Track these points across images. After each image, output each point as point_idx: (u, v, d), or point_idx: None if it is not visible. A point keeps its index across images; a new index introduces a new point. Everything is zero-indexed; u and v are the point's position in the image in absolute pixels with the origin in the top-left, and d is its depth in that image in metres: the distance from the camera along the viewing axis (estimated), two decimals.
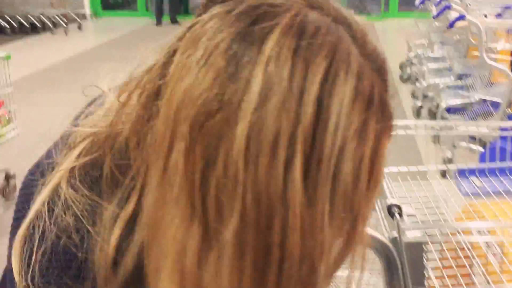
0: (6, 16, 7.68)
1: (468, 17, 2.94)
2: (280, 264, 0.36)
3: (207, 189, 0.35)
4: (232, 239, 0.35)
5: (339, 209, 0.36)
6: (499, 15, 3.23)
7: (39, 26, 7.54)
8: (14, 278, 0.44)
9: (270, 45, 0.35)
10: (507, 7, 3.28)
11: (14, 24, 7.61)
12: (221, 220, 0.35)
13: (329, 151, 0.34)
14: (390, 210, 0.72)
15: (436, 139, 3.33)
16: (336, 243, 0.39)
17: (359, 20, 0.41)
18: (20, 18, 7.63)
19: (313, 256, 0.36)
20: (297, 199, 0.34)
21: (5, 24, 7.59)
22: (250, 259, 0.36)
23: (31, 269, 0.43)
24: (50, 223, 0.43)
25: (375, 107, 0.38)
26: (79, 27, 7.77)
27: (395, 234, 0.73)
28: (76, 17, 7.82)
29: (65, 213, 0.43)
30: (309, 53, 0.35)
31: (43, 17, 7.55)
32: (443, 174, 1.41)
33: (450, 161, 2.98)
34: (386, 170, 1.22)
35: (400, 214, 0.72)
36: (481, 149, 2.77)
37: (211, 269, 0.37)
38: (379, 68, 0.41)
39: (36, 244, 0.43)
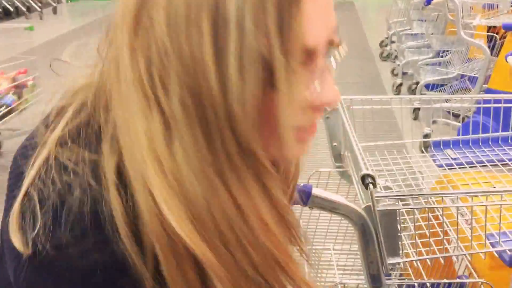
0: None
1: None
2: (216, 122, 0.41)
3: (152, 77, 0.41)
4: (179, 109, 0.41)
5: (250, 61, 0.40)
6: None
7: (13, 10, 7.36)
8: (14, 248, 0.43)
9: None
10: None
11: (11, 9, 7.40)
12: (168, 96, 0.41)
13: (232, 5, 0.39)
14: (364, 180, 0.74)
15: (416, 115, 3.38)
16: (259, 99, 0.42)
17: None
18: (16, 2, 7.42)
19: (237, 109, 0.41)
20: (209, 58, 0.40)
21: None
22: (196, 121, 0.41)
23: (36, 232, 0.42)
24: (49, 185, 0.44)
25: None
26: (54, 11, 7.61)
27: (369, 203, 0.76)
28: (51, 1, 7.65)
29: (62, 173, 0.44)
30: None
31: (16, 2, 7.36)
32: (423, 149, 1.44)
33: (428, 136, 3.04)
34: (364, 144, 1.25)
35: (374, 184, 0.74)
36: (458, 123, 2.82)
37: (177, 145, 0.42)
38: None
39: (37, 206, 0.43)
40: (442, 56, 3.62)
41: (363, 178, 0.75)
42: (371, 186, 0.74)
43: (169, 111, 0.41)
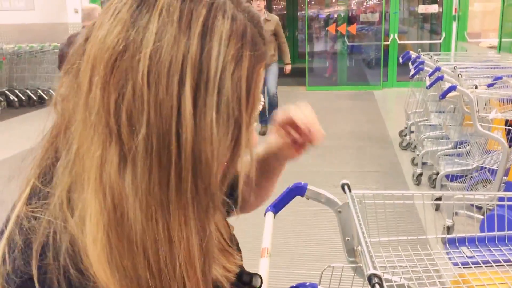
0: (15, 90, 7.97)
1: (459, 87, 3.04)
2: (179, 164, 0.45)
3: (120, 112, 0.45)
4: (141, 147, 0.45)
5: (224, 118, 0.47)
6: (490, 85, 3.33)
7: (47, 99, 7.79)
8: None
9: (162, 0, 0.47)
10: (497, 78, 3.39)
11: (23, 98, 7.88)
12: (132, 133, 0.45)
13: (213, 72, 0.46)
14: (371, 280, 0.73)
15: (437, 206, 3.33)
16: (226, 149, 0.48)
17: None
18: (29, 92, 7.92)
19: (206, 156, 0.46)
20: (187, 109, 0.45)
21: (14, 97, 7.86)
22: (156, 161, 0.45)
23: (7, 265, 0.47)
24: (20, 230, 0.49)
25: (248, 41, 0.49)
26: None
27: None
28: None
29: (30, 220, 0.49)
30: (192, 4, 0.47)
31: (51, 91, 7.82)
32: (446, 243, 1.41)
33: (450, 228, 2.97)
34: (385, 238, 1.23)
35: (381, 285, 0.73)
36: (480, 216, 2.76)
37: (129, 176, 0.45)
38: (251, 18, 0.51)
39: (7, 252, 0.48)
40: (461, 147, 3.63)
41: (370, 278, 0.74)
42: (377, 286, 0.73)
43: (129, 146, 0.45)
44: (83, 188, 0.47)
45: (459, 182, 3.44)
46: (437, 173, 3.66)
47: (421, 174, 4.01)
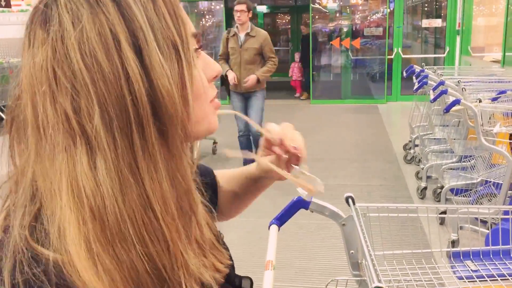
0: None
1: (463, 101, 3.05)
2: (139, 116, 0.47)
3: (79, 109, 0.47)
4: (100, 126, 0.46)
5: (165, 49, 0.49)
6: (494, 99, 3.34)
7: None
8: None
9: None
10: (501, 92, 3.40)
11: None
12: (91, 120, 0.47)
13: (139, 18, 0.49)
14: None
15: (442, 220, 3.32)
16: (177, 75, 0.50)
17: None
18: None
19: (165, 88, 0.48)
20: (132, 62, 0.47)
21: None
22: (118, 131, 0.47)
23: None
24: None
25: None
26: None
27: None
28: None
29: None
30: None
31: None
32: (451, 257, 1.40)
33: (456, 242, 2.95)
34: (386, 252, 1.23)
35: None
36: (485, 230, 2.75)
37: (101, 164, 0.47)
38: None
39: None
40: (465, 161, 3.62)
41: None
42: None
43: (91, 133, 0.47)
44: (56, 202, 0.48)
45: (464, 196, 3.43)
46: (442, 187, 3.65)
47: (425, 188, 4.00)
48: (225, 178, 0.89)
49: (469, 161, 3.51)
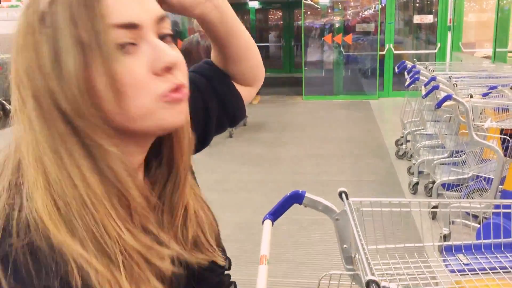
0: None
1: (454, 97, 3.06)
2: (49, 113, 0.53)
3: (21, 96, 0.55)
4: (31, 110, 0.53)
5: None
6: (485, 94, 3.37)
7: None
8: None
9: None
10: (492, 87, 3.42)
11: None
12: (25, 106, 0.54)
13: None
14: (368, 286, 0.74)
15: (434, 214, 3.34)
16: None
17: None
18: None
19: (67, 65, 0.52)
20: (44, 48, 0.53)
21: (11, 107, 7.86)
22: (39, 120, 0.53)
23: None
24: None
25: None
26: None
27: None
28: None
29: None
30: None
31: None
32: (443, 251, 1.42)
33: (447, 237, 2.98)
34: (379, 246, 1.24)
35: None
36: (476, 225, 2.77)
37: (41, 137, 0.53)
38: None
39: None
40: (457, 156, 3.65)
41: (368, 284, 0.75)
42: None
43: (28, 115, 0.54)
44: (24, 163, 0.54)
45: (455, 191, 3.46)
46: (433, 182, 3.68)
47: (417, 183, 4.03)
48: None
49: (460, 156, 3.54)
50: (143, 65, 0.54)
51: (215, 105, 0.80)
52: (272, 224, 1.23)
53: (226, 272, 0.74)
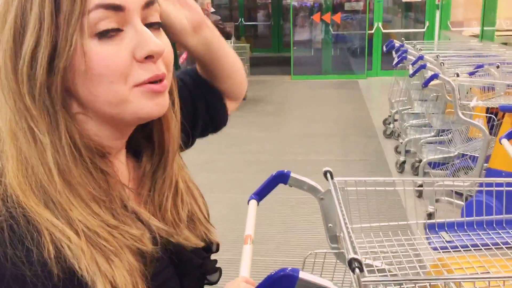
0: None
1: (441, 75, 3.07)
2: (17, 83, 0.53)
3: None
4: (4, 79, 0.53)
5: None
6: (472, 73, 3.38)
7: None
8: None
9: None
10: (479, 66, 3.43)
11: None
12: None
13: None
14: (351, 265, 0.75)
15: (419, 193, 3.38)
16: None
17: None
18: None
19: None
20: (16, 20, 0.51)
21: None
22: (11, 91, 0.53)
23: None
24: None
25: None
26: None
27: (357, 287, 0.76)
28: None
29: None
30: None
31: None
32: (427, 229, 1.43)
33: (432, 215, 3.02)
34: (367, 224, 1.25)
35: (361, 269, 0.75)
36: (461, 202, 2.81)
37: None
38: None
39: None
40: (443, 135, 3.68)
41: (350, 262, 0.76)
42: (357, 270, 0.75)
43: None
44: (3, 138, 0.54)
45: (441, 170, 3.50)
46: (420, 161, 3.71)
47: (404, 162, 4.06)
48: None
49: (447, 135, 3.57)
50: (125, 49, 0.53)
51: (203, 107, 0.81)
52: (258, 204, 1.24)
53: (213, 257, 0.74)
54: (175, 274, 0.63)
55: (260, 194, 1.23)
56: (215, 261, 0.72)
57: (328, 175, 1.17)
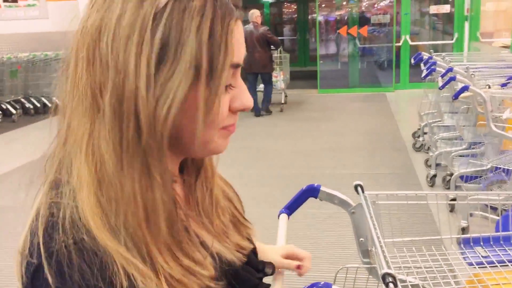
0: (31, 98, 8.10)
1: (472, 87, 3.02)
2: (136, 123, 0.51)
3: (96, 84, 0.51)
4: (107, 108, 0.51)
5: (185, 67, 0.51)
6: (504, 85, 3.31)
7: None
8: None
9: None
10: (511, 77, 3.36)
11: (38, 105, 8.01)
12: (103, 98, 0.51)
13: (174, 31, 0.50)
14: (385, 279, 0.74)
15: (452, 207, 3.31)
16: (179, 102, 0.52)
17: None
18: (44, 99, 8.03)
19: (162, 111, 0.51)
20: (143, 68, 0.50)
21: (30, 105, 7.99)
22: (117, 122, 0.51)
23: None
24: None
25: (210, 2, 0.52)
26: None
27: None
28: None
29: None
30: None
31: None
32: (461, 244, 1.40)
33: (466, 229, 2.94)
34: (399, 239, 1.23)
35: (395, 284, 0.74)
36: (496, 217, 2.73)
37: (104, 139, 0.51)
38: None
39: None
40: (475, 148, 3.60)
41: (384, 277, 0.75)
42: (391, 285, 0.74)
43: (102, 112, 0.51)
44: (75, 159, 0.52)
45: (474, 183, 3.42)
46: (451, 174, 3.64)
47: (435, 176, 3.98)
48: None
49: (479, 148, 3.49)
50: (227, 100, 0.58)
51: None
52: (288, 218, 1.24)
53: (266, 279, 0.74)
54: None
55: (291, 208, 1.23)
56: (268, 285, 0.73)
57: (359, 188, 1.17)
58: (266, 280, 0.74)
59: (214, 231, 0.64)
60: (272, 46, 7.12)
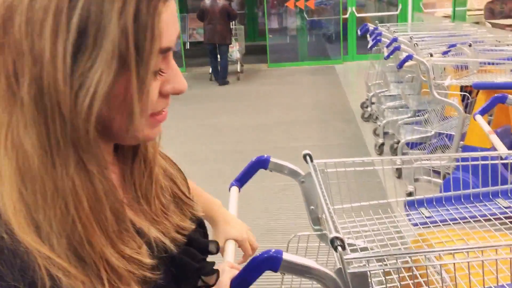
0: None
1: (415, 56, 3.10)
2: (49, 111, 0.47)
3: (15, 73, 0.47)
4: (28, 100, 0.46)
5: (107, 57, 0.47)
6: (445, 53, 3.42)
7: None
8: None
9: None
10: (452, 46, 3.48)
11: None
12: (19, 86, 0.47)
13: (94, 15, 0.45)
14: (333, 243, 0.76)
15: (399, 173, 3.43)
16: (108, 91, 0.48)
17: None
18: None
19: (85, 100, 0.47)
20: (60, 55, 0.46)
21: None
22: (40, 111, 0.47)
23: None
24: None
25: None
26: None
27: (339, 265, 0.77)
28: None
29: None
30: None
31: None
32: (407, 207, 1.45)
33: (412, 194, 3.07)
34: (348, 205, 1.26)
35: (343, 247, 0.76)
36: (440, 180, 2.86)
37: (25, 131, 0.47)
38: None
39: None
40: (420, 115, 3.73)
41: (332, 241, 0.77)
42: (339, 248, 0.76)
43: (21, 101, 0.47)
44: None
45: (419, 149, 3.55)
46: (398, 142, 3.76)
47: (383, 144, 4.11)
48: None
49: (423, 115, 3.62)
50: (157, 86, 0.54)
51: None
52: (239, 190, 1.24)
53: (210, 259, 0.73)
54: (172, 281, 0.61)
55: (241, 181, 1.23)
56: (213, 263, 0.70)
57: (308, 158, 1.18)
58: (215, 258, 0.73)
59: (151, 214, 0.61)
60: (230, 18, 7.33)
